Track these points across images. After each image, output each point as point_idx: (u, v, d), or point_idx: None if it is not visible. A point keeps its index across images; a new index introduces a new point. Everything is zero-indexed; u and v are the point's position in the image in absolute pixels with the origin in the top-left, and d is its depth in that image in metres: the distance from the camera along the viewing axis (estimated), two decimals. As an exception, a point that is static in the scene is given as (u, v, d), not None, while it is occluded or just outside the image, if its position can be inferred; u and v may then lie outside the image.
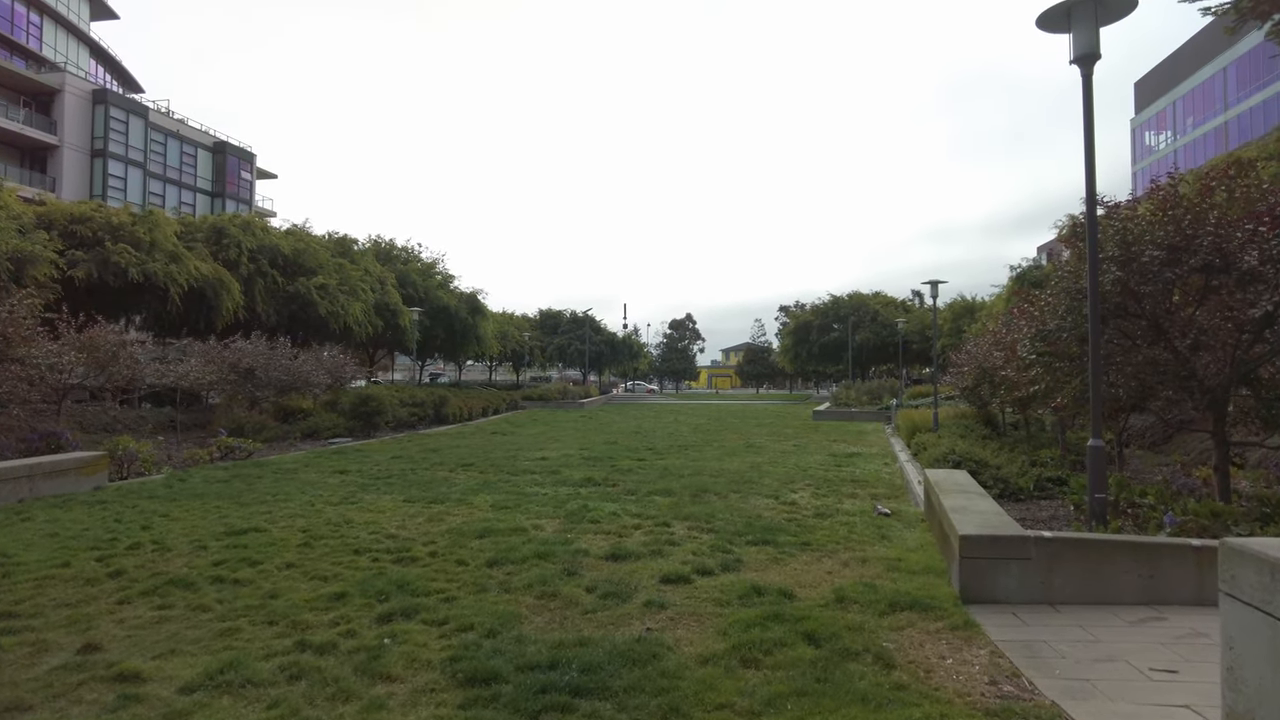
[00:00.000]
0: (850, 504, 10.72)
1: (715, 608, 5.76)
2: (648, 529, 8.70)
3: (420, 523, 9.14)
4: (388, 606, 5.70)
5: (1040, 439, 17.32)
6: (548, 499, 10.80)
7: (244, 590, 6.21)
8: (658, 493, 11.42)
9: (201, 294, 27.34)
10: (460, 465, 15.20)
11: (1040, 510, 10.53)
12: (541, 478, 13.32)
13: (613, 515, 9.39)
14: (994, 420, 20.74)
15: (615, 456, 16.82)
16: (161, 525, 8.92)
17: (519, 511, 9.80)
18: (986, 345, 16.19)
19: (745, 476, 13.51)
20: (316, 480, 12.99)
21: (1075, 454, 15.31)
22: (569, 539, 8.06)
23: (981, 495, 8.21)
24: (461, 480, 13.00)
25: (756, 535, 8.26)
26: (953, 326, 45.17)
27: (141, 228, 26.11)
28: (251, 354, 21.97)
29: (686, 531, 8.59)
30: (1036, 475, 11.80)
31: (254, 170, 58.15)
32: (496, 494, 11.28)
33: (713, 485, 12.24)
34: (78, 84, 44.68)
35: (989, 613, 5.69)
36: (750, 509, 10.15)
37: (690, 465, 15.25)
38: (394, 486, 12.14)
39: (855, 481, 13.16)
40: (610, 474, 13.68)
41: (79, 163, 44.17)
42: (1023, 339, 10.24)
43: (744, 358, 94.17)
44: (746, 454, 17.80)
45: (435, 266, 45.09)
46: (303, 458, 16.73)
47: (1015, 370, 13.04)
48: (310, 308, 31.57)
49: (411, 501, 10.66)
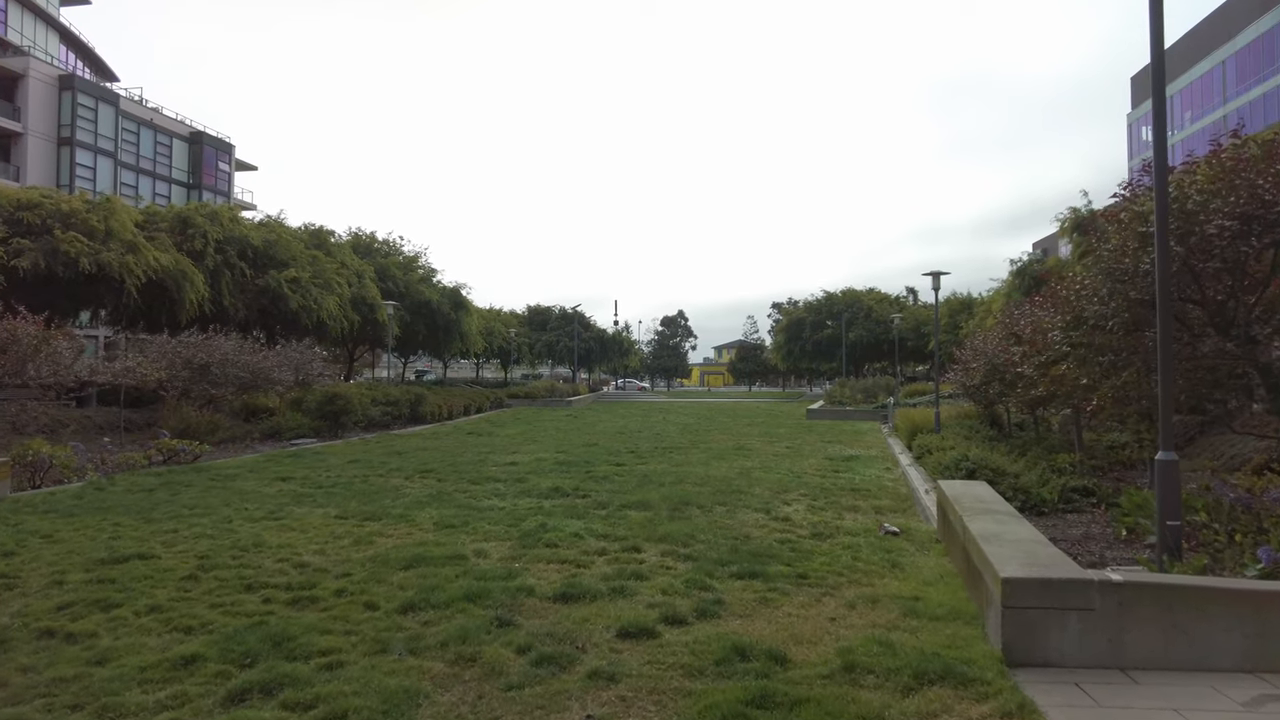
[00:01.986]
0: (852, 520, 9.32)
1: (683, 679, 4.35)
2: (613, 555, 7.27)
3: (344, 546, 7.69)
4: (247, 678, 4.27)
5: (1050, 441, 15.97)
6: (503, 515, 9.36)
7: (71, 650, 4.77)
8: (633, 506, 10.00)
9: (162, 286, 25.71)
10: (419, 471, 13.76)
11: (1070, 527, 9.15)
12: (505, 487, 11.89)
13: (574, 537, 7.96)
14: (999, 420, 19.41)
15: (593, 461, 15.39)
16: (31, 549, 7.46)
17: (465, 531, 8.36)
18: (998, 338, 14.83)
19: (733, 485, 12.11)
20: (252, 489, 11.53)
21: (1093, 458, 13.97)
22: (514, 571, 6.62)
23: (1013, 516, 6.82)
24: (413, 490, 11.55)
25: (743, 564, 6.84)
26: (949, 323, 43.96)
27: (95, 216, 24.50)
28: (206, 349, 20.46)
29: (659, 559, 7.17)
30: (1061, 485, 10.42)
31: (232, 162, 56.43)
32: (446, 508, 9.84)
33: (696, 496, 10.83)
34: (43, 69, 42.91)
35: (1045, 684, 4.30)
36: (737, 527, 8.74)
37: (673, 471, 13.84)
38: (334, 497, 10.69)
39: (855, 490, 11.78)
40: (583, 482, 12.25)
41: (45, 151, 42.42)
42: (1052, 328, 8.84)
43: (736, 355, 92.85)
44: (736, 458, 16.40)
45: (417, 260, 43.53)
46: (251, 462, 15.26)
47: (1035, 367, 11.68)
48: (281, 301, 29.97)
49: (345, 518, 9.20)
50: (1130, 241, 7.48)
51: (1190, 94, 53.46)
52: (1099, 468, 13.38)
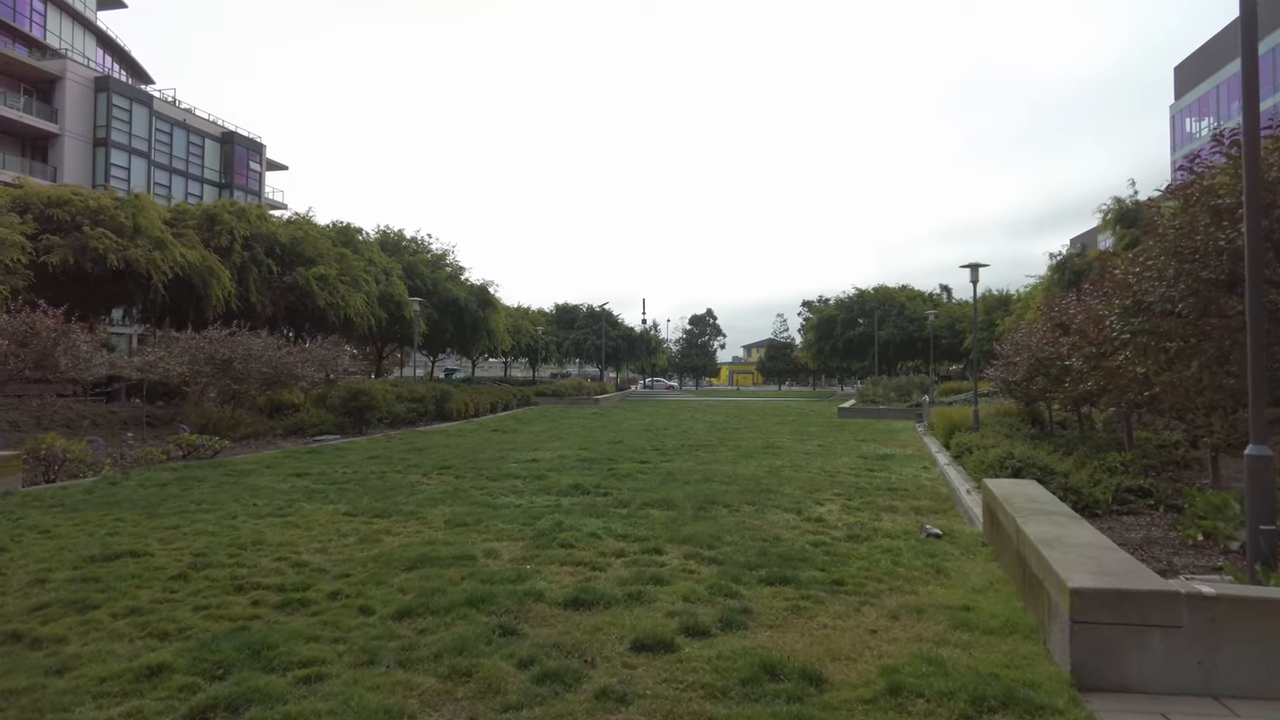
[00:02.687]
0: (890, 521, 8.69)
1: (704, 701, 3.80)
2: (632, 557, 6.75)
3: (348, 545, 7.26)
4: (214, 693, 3.81)
5: (1096, 439, 15.12)
6: (519, 513, 8.88)
7: (33, 657, 4.35)
8: (655, 504, 9.46)
9: (189, 283, 25.75)
10: (438, 468, 13.35)
11: (1128, 530, 8.44)
12: (524, 484, 11.42)
13: (592, 537, 7.45)
14: (1041, 418, 18.54)
15: (616, 458, 14.88)
16: (25, 545, 7.13)
17: (477, 530, 7.89)
18: (1042, 330, 14.04)
19: (762, 484, 11.52)
20: (265, 485, 11.19)
21: (1144, 457, 13.15)
22: (523, 574, 6.12)
23: (1071, 518, 6.16)
24: (429, 487, 11.13)
25: (772, 568, 6.27)
26: (985, 320, 42.78)
27: (123, 212, 24.58)
28: (230, 345, 20.30)
29: (682, 561, 6.63)
30: (1115, 485, 9.69)
31: (263, 161, 56.85)
32: (460, 505, 9.38)
33: (722, 495, 10.26)
34: (79, 71, 43.49)
35: (1126, 714, 3.69)
36: (766, 527, 8.17)
37: (699, 469, 13.28)
38: (346, 494, 10.30)
39: (892, 490, 11.12)
40: (604, 480, 11.74)
41: (80, 152, 42.99)
42: (1109, 314, 8.14)
43: (766, 354, 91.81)
44: (765, 456, 15.78)
45: (445, 258, 43.34)
46: (269, 458, 14.98)
47: (1085, 359, 10.94)
48: (308, 298, 29.93)
49: (354, 514, 8.78)
50: (1200, 217, 6.79)
51: (1236, 83, 51.49)
52: (1151, 467, 12.58)
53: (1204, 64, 55.64)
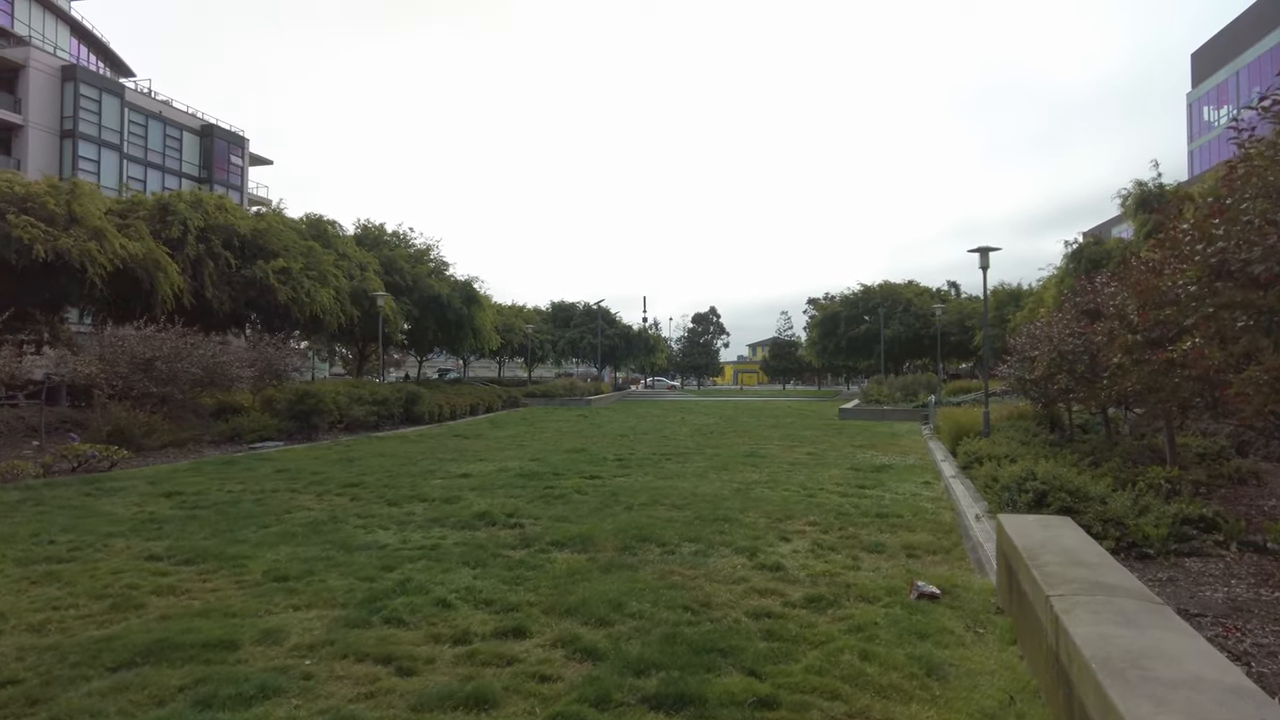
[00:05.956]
0: (870, 570, 6.45)
1: None
2: (474, 646, 4.53)
3: (88, 614, 5.07)
4: None
5: (1125, 447, 12.82)
6: (372, 559, 6.66)
7: None
8: (568, 543, 7.26)
9: (133, 276, 23.67)
10: (344, 486, 11.19)
11: (1199, 583, 6.16)
12: (425, 510, 9.23)
13: (438, 607, 5.24)
14: (1059, 421, 16.24)
15: (565, 472, 12.67)
16: None
17: (292, 590, 5.69)
18: (1066, 319, 11.75)
19: (722, 508, 9.28)
20: (111, 511, 9.03)
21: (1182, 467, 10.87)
22: (280, 685, 3.89)
23: (1145, 601, 3.90)
24: (300, 515, 8.92)
25: (675, 670, 4.06)
26: (996, 315, 40.39)
27: (54, 199, 22.56)
28: (152, 343, 18.25)
29: (545, 653, 4.42)
30: (1172, 516, 7.42)
31: (246, 155, 54.89)
32: (309, 545, 7.18)
33: (663, 527, 8.03)
34: (44, 59, 41.61)
35: None
36: (699, 583, 5.95)
37: (654, 487, 11.06)
38: (190, 524, 8.12)
39: (882, 517, 8.87)
40: (529, 504, 9.55)
41: (47, 144, 41.12)
42: (1175, 283, 5.86)
43: (770, 353, 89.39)
44: (742, 468, 13.54)
45: (429, 253, 41.21)
46: (166, 471, 12.90)
47: (1124, 350, 8.67)
48: (269, 294, 27.83)
49: (160, 558, 6.57)
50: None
51: (1257, 69, 48.85)
52: (1201, 484, 10.31)
53: (1223, 50, 52.94)
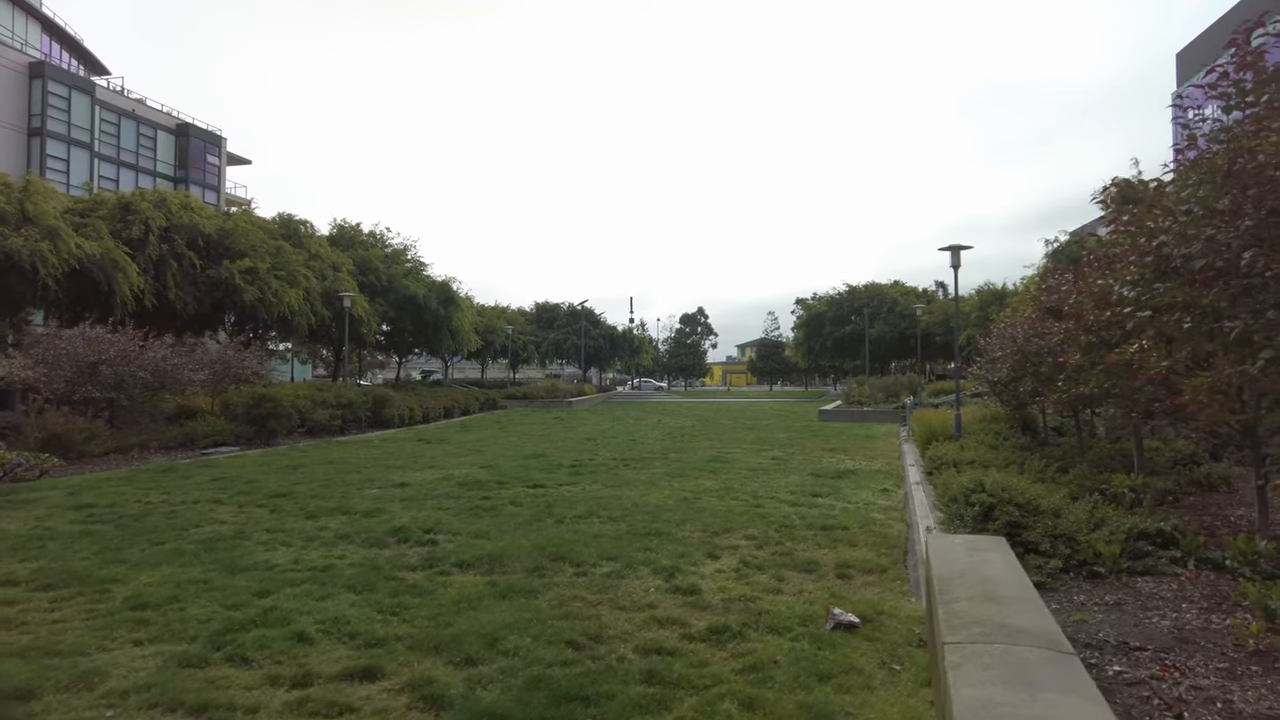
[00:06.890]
0: (792, 592, 5.91)
1: None
2: (318, 688, 3.98)
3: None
4: None
5: (1098, 450, 12.32)
6: (252, 583, 6.03)
7: None
8: (477, 563, 6.69)
9: (90, 277, 22.98)
10: (273, 495, 10.59)
11: (1147, 608, 5.61)
12: (342, 523, 8.65)
13: (293, 641, 4.64)
14: (1033, 424, 15.76)
15: (510, 480, 12.11)
16: None
17: (131, 625, 5.07)
18: (1030, 318, 11.28)
19: (659, 521, 8.73)
20: None
21: (1153, 473, 10.40)
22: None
23: (1050, 649, 3.38)
24: (211, 529, 8.31)
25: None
26: (980, 315, 39.93)
27: (5, 197, 21.87)
28: (95, 346, 17.61)
29: (384, 703, 3.85)
30: (1125, 530, 6.91)
31: (223, 155, 54.08)
32: (192, 567, 6.56)
33: (588, 543, 7.49)
34: (10, 56, 40.78)
35: None
36: (597, 612, 5.40)
37: (598, 496, 10.50)
38: (76, 544, 7.54)
39: (825, 529, 8.35)
40: (455, 517, 8.97)
41: (14, 142, 40.27)
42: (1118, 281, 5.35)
43: (757, 353, 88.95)
44: (699, 475, 13.00)
45: (405, 253, 40.55)
46: (96, 480, 12.32)
47: (1084, 350, 8.18)
48: (235, 294, 27.16)
49: (13, 584, 6.02)
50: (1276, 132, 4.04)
51: (1245, 66, 48.69)
52: (1167, 492, 9.79)
53: (1207, 49, 52.76)
